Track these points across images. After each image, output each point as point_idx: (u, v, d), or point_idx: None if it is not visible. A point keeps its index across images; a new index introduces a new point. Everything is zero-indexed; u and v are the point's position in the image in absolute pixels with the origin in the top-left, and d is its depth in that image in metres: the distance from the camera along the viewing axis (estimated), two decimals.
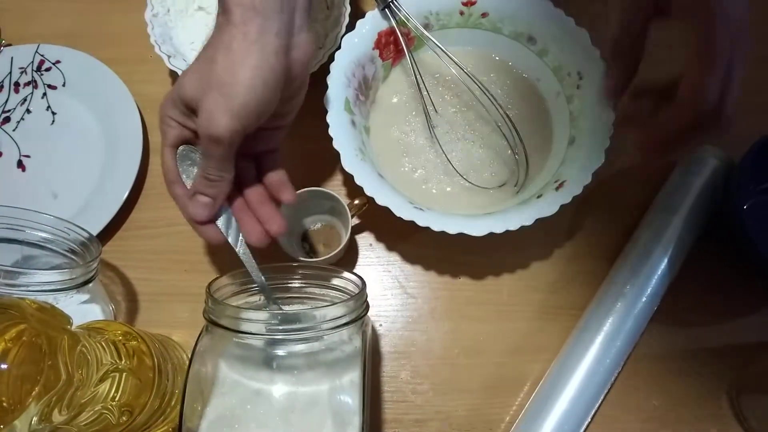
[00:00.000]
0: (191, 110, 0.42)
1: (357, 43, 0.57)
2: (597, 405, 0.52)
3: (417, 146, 0.60)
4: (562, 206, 0.51)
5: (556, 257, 0.59)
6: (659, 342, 0.56)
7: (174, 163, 0.45)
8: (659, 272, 0.54)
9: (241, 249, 0.46)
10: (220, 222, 0.46)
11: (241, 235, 0.46)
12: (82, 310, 0.51)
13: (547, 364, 0.54)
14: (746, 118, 0.62)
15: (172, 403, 0.48)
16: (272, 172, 0.48)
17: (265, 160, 0.48)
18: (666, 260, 0.54)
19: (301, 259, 0.53)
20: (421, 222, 0.50)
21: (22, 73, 0.66)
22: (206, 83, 0.40)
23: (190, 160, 0.45)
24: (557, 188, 0.53)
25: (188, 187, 0.45)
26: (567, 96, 0.58)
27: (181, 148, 0.45)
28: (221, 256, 0.59)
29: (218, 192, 0.44)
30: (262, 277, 0.46)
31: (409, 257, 0.59)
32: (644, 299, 0.53)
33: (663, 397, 0.54)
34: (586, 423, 0.51)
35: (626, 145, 0.57)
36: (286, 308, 0.48)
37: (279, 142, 0.48)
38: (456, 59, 0.57)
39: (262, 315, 0.42)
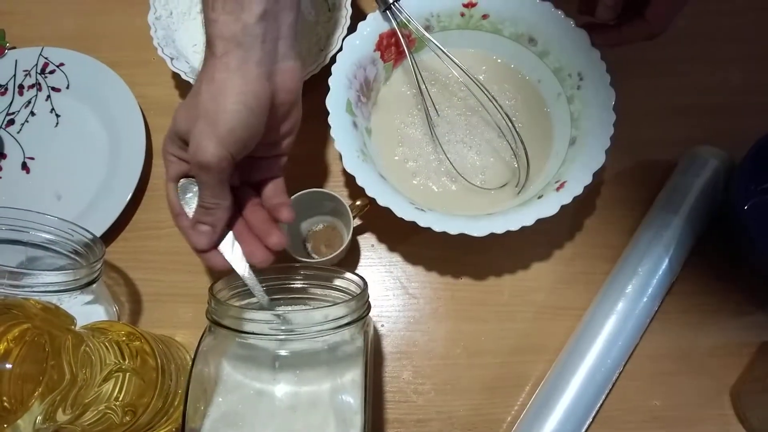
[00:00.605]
0: (185, 143, 0.43)
1: (358, 45, 0.58)
2: (598, 405, 0.52)
3: (414, 139, 0.60)
4: (562, 207, 0.51)
5: (556, 258, 0.59)
6: (660, 342, 0.56)
7: (176, 196, 0.46)
8: (660, 272, 0.54)
9: (245, 273, 0.45)
10: (223, 247, 0.46)
11: (244, 258, 0.46)
12: (86, 310, 0.51)
13: (549, 364, 0.54)
14: (747, 118, 0.62)
15: (176, 402, 0.48)
16: (272, 197, 0.48)
17: (268, 187, 0.48)
18: (667, 260, 0.54)
19: (303, 259, 0.53)
20: (422, 223, 0.51)
21: (26, 75, 0.67)
22: (194, 114, 0.41)
23: (191, 192, 0.45)
24: (558, 189, 0.53)
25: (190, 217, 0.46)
26: (568, 97, 0.58)
27: (181, 181, 0.45)
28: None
29: (216, 219, 0.44)
30: (267, 298, 0.46)
31: (411, 258, 0.60)
32: (645, 299, 0.53)
33: (664, 397, 0.54)
34: (588, 423, 0.51)
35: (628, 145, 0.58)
36: (289, 309, 0.49)
37: (279, 169, 0.49)
38: (457, 60, 0.58)
39: (265, 315, 0.42)
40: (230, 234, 0.46)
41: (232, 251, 0.46)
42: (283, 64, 0.44)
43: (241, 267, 0.45)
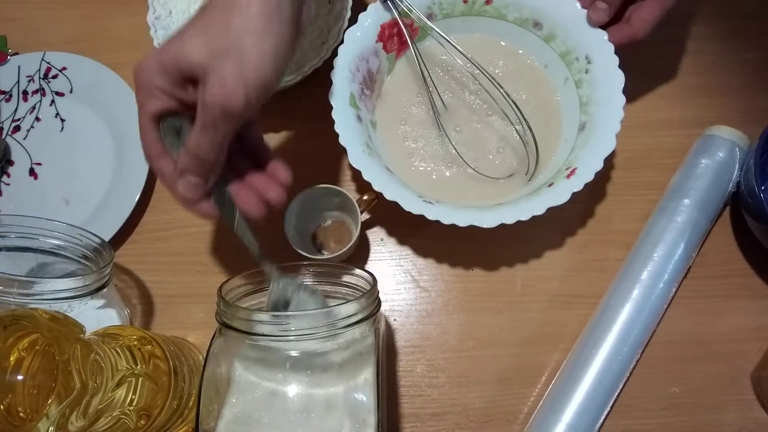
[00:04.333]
0: (188, 79, 0.38)
1: (360, 36, 0.57)
2: (616, 394, 0.51)
3: (417, 120, 0.60)
4: (573, 194, 0.50)
5: (569, 246, 0.58)
6: (678, 328, 0.55)
7: (157, 136, 0.40)
8: (676, 257, 0.53)
9: (235, 223, 0.42)
10: (213, 197, 0.42)
11: (236, 209, 0.42)
12: (98, 315, 0.51)
13: (564, 354, 0.54)
14: (762, 96, 0.61)
15: (190, 404, 0.48)
16: (256, 143, 0.44)
17: (247, 130, 0.44)
18: (682, 245, 0.53)
19: (312, 256, 0.53)
20: (431, 216, 0.50)
21: (29, 81, 0.67)
22: (220, 49, 0.36)
23: (176, 131, 0.40)
24: (568, 176, 0.52)
25: (175, 161, 0.41)
26: (576, 81, 0.57)
27: (167, 119, 0.40)
28: (233, 256, 0.59)
29: (211, 171, 0.40)
30: (260, 249, 0.43)
31: (421, 250, 0.59)
32: (661, 285, 0.52)
33: (683, 383, 0.54)
34: (606, 412, 0.51)
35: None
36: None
37: (260, 121, 0.45)
38: (461, 48, 0.56)
39: (274, 317, 0.42)
40: (221, 183, 0.42)
41: (222, 202, 0.42)
42: (303, 4, 0.39)
43: (231, 216, 0.42)
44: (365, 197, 0.55)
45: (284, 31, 0.37)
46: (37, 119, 0.66)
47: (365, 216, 0.59)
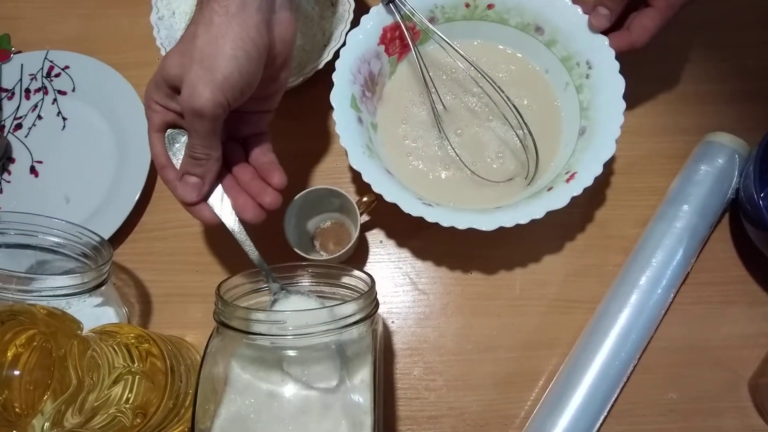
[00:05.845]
0: (175, 90, 0.42)
1: (362, 39, 0.57)
2: (613, 399, 0.51)
3: (418, 120, 0.60)
4: (573, 198, 0.50)
5: (568, 250, 0.58)
6: (676, 334, 0.55)
7: (162, 147, 0.45)
8: (674, 263, 0.53)
9: (235, 227, 0.45)
10: (212, 200, 0.45)
11: (234, 213, 0.45)
12: (96, 313, 0.52)
13: (562, 359, 0.54)
14: (762, 104, 0.61)
15: (186, 403, 0.48)
16: (260, 154, 0.47)
17: (253, 143, 0.48)
18: (681, 251, 0.53)
19: (311, 257, 0.53)
20: (430, 218, 0.50)
21: (32, 79, 0.67)
22: (188, 59, 0.40)
23: (179, 143, 0.44)
24: (568, 180, 0.52)
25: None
26: (576, 86, 0.57)
27: (168, 131, 0.44)
28: (231, 256, 0.59)
29: (206, 171, 0.43)
30: (258, 255, 0.46)
31: (420, 253, 0.59)
32: (659, 291, 0.52)
33: (680, 389, 0.53)
34: (602, 417, 0.51)
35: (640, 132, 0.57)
36: (296, 307, 0.48)
37: (266, 125, 0.48)
38: (462, 52, 0.57)
39: (272, 316, 0.42)
40: (219, 187, 0.46)
41: (221, 205, 0.45)
42: (280, 14, 0.43)
43: (231, 221, 0.45)
44: (365, 199, 0.55)
45: (247, 35, 0.40)
46: (39, 117, 0.66)
47: (365, 218, 0.59)
